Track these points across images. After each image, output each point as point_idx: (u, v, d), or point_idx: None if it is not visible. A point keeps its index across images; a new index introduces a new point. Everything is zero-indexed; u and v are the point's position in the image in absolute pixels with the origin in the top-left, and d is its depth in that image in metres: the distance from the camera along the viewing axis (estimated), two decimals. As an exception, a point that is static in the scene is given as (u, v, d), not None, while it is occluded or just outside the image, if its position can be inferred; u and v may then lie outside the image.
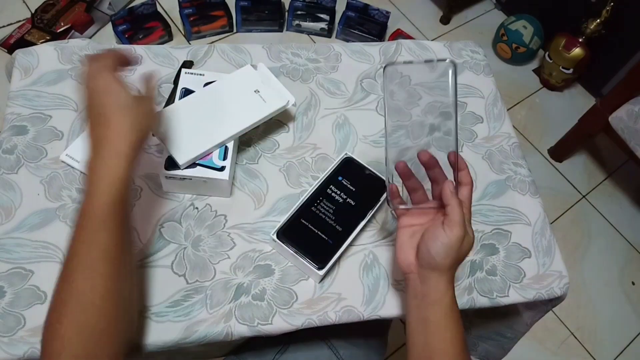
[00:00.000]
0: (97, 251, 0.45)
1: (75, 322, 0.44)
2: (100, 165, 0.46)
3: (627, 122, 1.37)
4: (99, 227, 0.45)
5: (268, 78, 0.69)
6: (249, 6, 1.71)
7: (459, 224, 0.49)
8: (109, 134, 0.47)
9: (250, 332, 0.58)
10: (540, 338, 1.39)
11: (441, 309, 0.50)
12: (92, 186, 0.46)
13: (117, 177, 0.46)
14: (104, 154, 0.47)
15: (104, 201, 0.45)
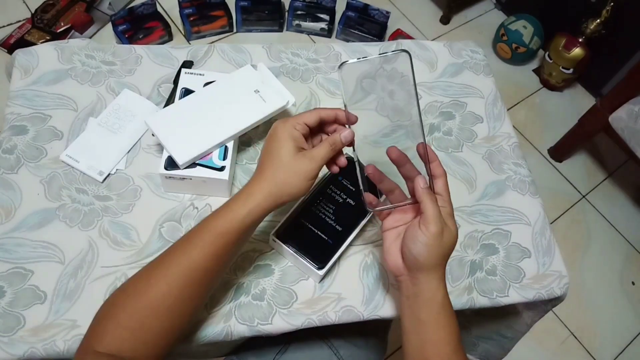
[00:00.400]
0: (186, 262, 0.48)
1: (137, 314, 0.47)
2: (237, 196, 0.50)
3: (627, 122, 1.37)
4: (199, 244, 0.48)
5: (268, 78, 0.69)
6: (249, 6, 1.71)
7: (434, 220, 0.48)
8: (255, 176, 0.51)
9: (250, 332, 0.58)
10: (540, 338, 1.39)
11: (433, 308, 0.50)
12: (219, 211, 0.50)
13: (236, 215, 0.49)
14: (244, 190, 0.50)
15: (218, 229, 0.48)
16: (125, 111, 0.70)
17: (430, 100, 0.80)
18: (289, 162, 0.49)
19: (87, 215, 0.62)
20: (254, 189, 0.49)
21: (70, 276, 0.58)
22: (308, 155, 0.50)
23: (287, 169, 0.49)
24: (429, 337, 0.50)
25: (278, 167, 0.49)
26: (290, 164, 0.49)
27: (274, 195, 0.49)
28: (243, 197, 0.49)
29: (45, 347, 0.54)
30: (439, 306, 0.50)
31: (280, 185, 0.49)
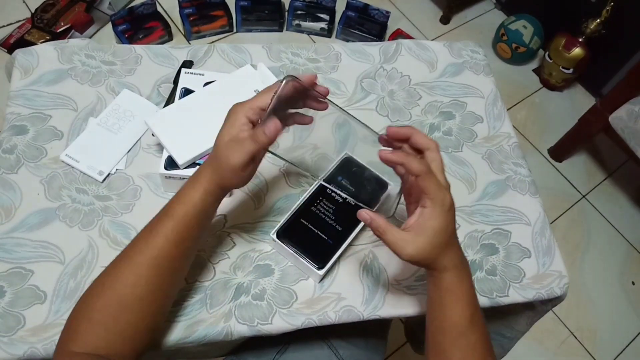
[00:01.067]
0: (150, 254, 0.49)
1: (107, 309, 0.47)
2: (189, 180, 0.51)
3: (627, 122, 1.37)
4: (161, 232, 0.49)
5: (268, 78, 0.69)
6: (249, 6, 1.71)
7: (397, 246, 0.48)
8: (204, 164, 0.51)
9: (250, 332, 0.58)
10: (540, 338, 1.39)
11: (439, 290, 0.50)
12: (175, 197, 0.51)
13: (190, 199, 0.50)
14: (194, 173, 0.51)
15: (175, 214, 0.49)
16: (125, 111, 0.70)
17: (430, 100, 0.80)
18: (219, 148, 0.49)
19: (87, 215, 0.62)
20: (201, 175, 0.50)
21: (70, 276, 0.58)
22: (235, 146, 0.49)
23: (219, 155, 0.49)
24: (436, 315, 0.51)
25: (215, 152, 0.50)
26: (220, 151, 0.49)
27: (215, 180, 0.50)
28: (192, 183, 0.50)
29: (45, 347, 0.54)
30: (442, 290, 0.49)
31: (217, 172, 0.50)
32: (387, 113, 0.77)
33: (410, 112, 0.78)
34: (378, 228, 0.48)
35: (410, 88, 0.80)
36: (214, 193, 0.50)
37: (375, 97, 0.78)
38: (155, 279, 0.49)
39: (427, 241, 0.47)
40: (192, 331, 0.57)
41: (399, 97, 0.79)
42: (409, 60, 0.83)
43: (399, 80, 0.81)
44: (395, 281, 0.63)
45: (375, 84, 0.80)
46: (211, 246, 0.62)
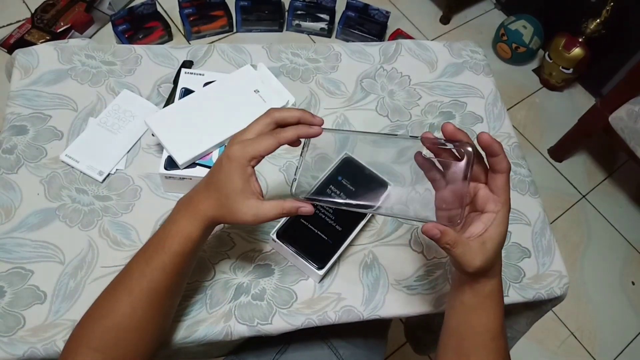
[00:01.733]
0: (147, 286, 0.48)
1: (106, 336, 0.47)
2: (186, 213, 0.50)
3: (627, 122, 1.37)
4: (158, 266, 0.49)
5: (268, 78, 0.69)
6: (249, 6, 1.71)
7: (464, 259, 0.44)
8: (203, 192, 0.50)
9: (250, 332, 0.58)
10: (540, 338, 1.39)
11: (479, 296, 0.48)
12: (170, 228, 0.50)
13: (188, 234, 0.49)
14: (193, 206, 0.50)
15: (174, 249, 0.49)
16: (125, 111, 0.70)
17: (430, 100, 0.80)
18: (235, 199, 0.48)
19: (87, 215, 0.62)
20: (203, 210, 0.49)
21: (70, 276, 0.58)
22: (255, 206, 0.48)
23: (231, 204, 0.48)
24: (468, 320, 0.49)
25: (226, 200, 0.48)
26: (235, 202, 0.48)
27: (218, 219, 0.49)
28: (193, 216, 0.49)
29: (45, 347, 0.54)
30: (485, 296, 0.48)
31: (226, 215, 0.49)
32: (387, 113, 0.77)
33: (410, 112, 0.78)
34: (449, 242, 0.44)
35: (410, 88, 0.80)
36: (211, 227, 0.51)
37: (375, 97, 0.78)
38: (152, 307, 0.49)
39: (494, 249, 0.45)
40: (192, 331, 0.57)
41: (399, 97, 0.79)
42: (409, 60, 0.83)
43: (399, 80, 0.81)
44: (395, 281, 0.63)
45: (375, 84, 0.80)
46: (211, 246, 0.62)
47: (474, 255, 0.44)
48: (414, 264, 0.65)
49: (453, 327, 0.50)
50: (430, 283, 0.64)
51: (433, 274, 0.64)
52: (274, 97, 0.68)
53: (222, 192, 0.48)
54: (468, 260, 0.44)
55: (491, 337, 0.49)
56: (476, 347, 0.49)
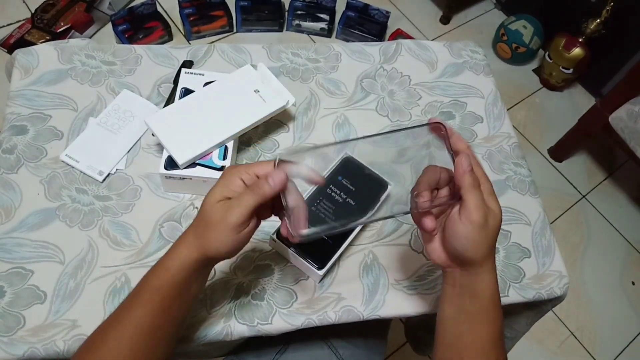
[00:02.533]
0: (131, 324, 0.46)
1: None
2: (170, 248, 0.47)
3: (627, 122, 1.37)
4: (139, 304, 0.47)
5: (268, 78, 0.69)
6: (249, 6, 1.71)
7: (476, 208, 0.43)
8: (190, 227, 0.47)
9: (250, 332, 0.58)
10: (540, 338, 1.39)
11: (481, 302, 0.47)
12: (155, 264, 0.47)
13: (167, 268, 0.46)
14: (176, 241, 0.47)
15: (153, 283, 0.47)
16: (125, 111, 0.70)
17: (430, 100, 0.80)
18: (209, 209, 0.44)
19: (87, 215, 0.62)
20: (182, 242, 0.47)
21: (70, 276, 0.58)
22: (231, 202, 0.44)
23: (207, 218, 0.44)
24: (470, 330, 0.48)
25: (203, 214, 0.45)
26: (210, 212, 0.44)
27: (198, 248, 0.45)
28: (173, 250, 0.47)
29: (45, 347, 0.54)
30: (487, 301, 0.47)
31: (203, 236, 0.45)
32: (387, 113, 0.77)
33: (410, 112, 0.78)
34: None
35: (410, 88, 0.80)
36: (196, 261, 0.46)
37: (375, 97, 0.78)
38: (137, 346, 0.46)
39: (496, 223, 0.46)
40: (192, 331, 0.57)
41: (399, 97, 0.79)
42: (409, 60, 0.83)
43: (399, 80, 0.81)
44: (395, 281, 0.63)
45: (375, 84, 0.80)
46: (211, 246, 0.62)
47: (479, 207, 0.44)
48: (414, 264, 0.65)
49: (452, 339, 0.49)
50: (430, 283, 0.64)
51: (433, 274, 0.64)
52: (274, 97, 0.68)
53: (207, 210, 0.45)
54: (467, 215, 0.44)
55: (492, 345, 0.47)
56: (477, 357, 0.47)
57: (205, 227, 0.45)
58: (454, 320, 0.49)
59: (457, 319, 0.48)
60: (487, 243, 0.45)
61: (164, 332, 0.48)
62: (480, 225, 0.44)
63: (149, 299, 0.46)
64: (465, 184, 0.44)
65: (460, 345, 0.48)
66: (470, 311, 0.47)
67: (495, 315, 0.48)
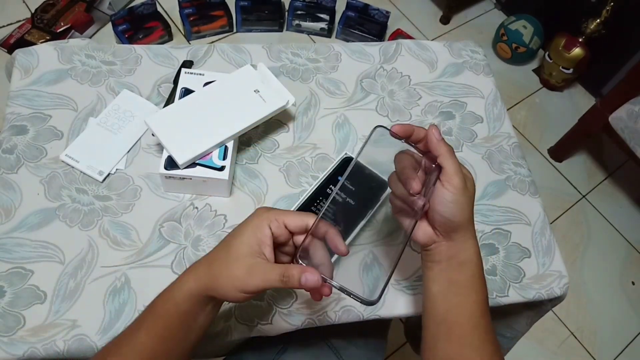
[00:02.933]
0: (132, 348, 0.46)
1: None
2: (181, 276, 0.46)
3: (627, 122, 1.37)
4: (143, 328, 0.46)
5: (268, 78, 0.69)
6: (249, 6, 1.71)
7: (456, 173, 0.46)
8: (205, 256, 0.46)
9: (250, 332, 0.58)
10: (540, 338, 1.39)
11: (469, 269, 0.48)
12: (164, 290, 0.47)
13: (172, 297, 0.46)
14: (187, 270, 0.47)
15: (156, 310, 0.46)
16: (125, 111, 0.70)
17: (430, 100, 0.80)
18: (233, 258, 0.44)
19: (87, 215, 0.62)
20: (191, 273, 0.46)
21: (70, 276, 0.58)
22: (256, 269, 0.43)
23: (226, 266, 0.44)
24: (459, 300, 0.48)
25: (221, 257, 0.45)
26: (231, 264, 0.44)
27: (206, 286, 0.45)
28: (181, 278, 0.46)
29: (45, 347, 0.54)
30: (474, 267, 0.48)
31: (214, 280, 0.44)
32: (387, 113, 0.77)
33: (410, 112, 0.78)
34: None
35: (410, 88, 0.80)
36: (203, 299, 0.45)
37: (375, 97, 0.78)
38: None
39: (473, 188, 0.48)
40: (192, 331, 0.57)
41: (399, 97, 0.79)
42: (409, 60, 0.83)
43: (399, 80, 0.81)
44: (395, 281, 0.63)
45: (375, 84, 0.80)
46: (211, 246, 0.62)
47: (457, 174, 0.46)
48: (414, 264, 0.65)
49: (442, 314, 0.49)
50: (430, 283, 0.64)
51: (433, 274, 0.64)
52: (274, 97, 0.68)
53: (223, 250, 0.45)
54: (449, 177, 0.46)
55: (481, 313, 0.48)
56: (469, 328, 0.48)
57: (219, 274, 0.44)
58: (443, 295, 0.49)
59: (447, 293, 0.49)
60: (469, 205, 0.47)
61: (165, 357, 0.47)
62: (462, 188, 0.46)
63: (153, 325, 0.46)
64: (442, 151, 0.47)
65: (451, 319, 0.49)
66: (460, 281, 0.48)
67: (482, 283, 0.49)
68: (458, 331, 0.48)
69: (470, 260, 0.48)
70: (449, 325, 0.49)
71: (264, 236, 0.44)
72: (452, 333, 0.48)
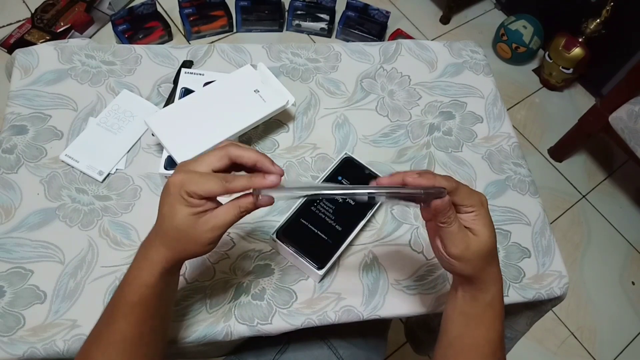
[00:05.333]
0: (114, 338, 0.46)
1: None
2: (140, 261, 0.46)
3: (627, 122, 1.37)
4: (120, 316, 0.46)
5: (268, 78, 0.69)
6: (249, 6, 1.71)
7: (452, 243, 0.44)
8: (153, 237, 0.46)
9: (250, 332, 0.58)
10: (540, 338, 1.39)
11: (480, 306, 0.47)
12: (127, 276, 0.47)
13: (143, 282, 0.45)
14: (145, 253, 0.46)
15: (130, 298, 0.46)
16: (125, 111, 0.70)
17: (430, 100, 0.80)
18: (186, 230, 0.44)
19: (87, 215, 0.62)
20: (154, 255, 0.45)
21: (70, 276, 0.58)
22: (210, 222, 0.44)
23: (184, 237, 0.44)
24: (468, 332, 0.48)
25: (174, 235, 0.44)
26: (188, 232, 0.44)
27: (174, 260, 0.45)
28: (146, 263, 0.46)
29: (45, 347, 0.54)
30: (485, 305, 0.47)
31: (180, 252, 0.45)
32: (387, 113, 0.77)
33: (410, 112, 0.78)
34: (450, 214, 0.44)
35: (410, 88, 0.80)
36: (170, 268, 0.46)
37: (375, 97, 0.78)
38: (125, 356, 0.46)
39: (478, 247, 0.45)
40: (192, 331, 0.57)
41: (399, 97, 0.79)
42: (409, 60, 0.83)
43: (399, 80, 0.81)
44: (395, 281, 0.63)
45: (375, 84, 0.80)
46: (211, 246, 0.62)
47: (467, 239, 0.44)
48: (414, 264, 0.65)
49: (451, 339, 0.49)
50: (430, 283, 0.64)
51: (433, 274, 0.64)
52: (274, 97, 0.68)
53: (171, 225, 0.44)
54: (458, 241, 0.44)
55: (491, 351, 0.48)
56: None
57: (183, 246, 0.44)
58: (454, 321, 0.49)
59: (457, 320, 0.49)
60: (474, 265, 0.45)
61: (148, 342, 0.48)
62: (459, 256, 0.45)
63: (131, 312, 0.46)
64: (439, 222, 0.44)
65: (459, 346, 0.49)
66: (470, 314, 0.48)
67: (495, 322, 0.48)
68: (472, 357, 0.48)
69: (483, 299, 0.47)
70: (456, 351, 0.49)
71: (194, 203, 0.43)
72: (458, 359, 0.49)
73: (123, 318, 0.46)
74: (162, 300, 0.48)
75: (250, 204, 0.45)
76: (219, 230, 0.44)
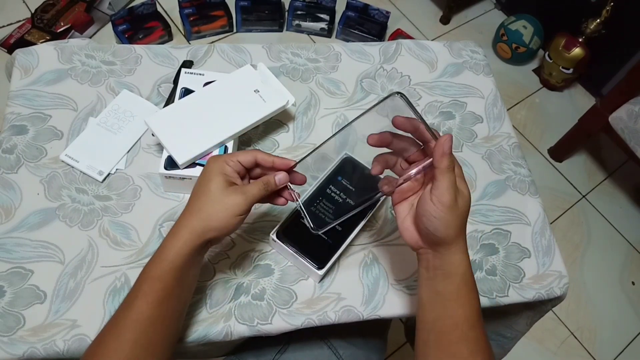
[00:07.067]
0: (130, 317, 0.47)
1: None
2: (167, 236, 0.49)
3: (627, 122, 1.37)
4: (138, 297, 0.47)
5: (268, 78, 0.69)
6: (249, 6, 1.71)
7: (447, 190, 0.44)
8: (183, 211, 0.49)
9: (250, 332, 0.58)
10: (540, 338, 1.39)
11: (453, 283, 0.47)
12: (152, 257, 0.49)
13: (165, 259, 0.47)
14: (173, 228, 0.49)
15: (152, 274, 0.47)
16: (125, 111, 0.70)
17: (430, 100, 0.80)
18: (216, 195, 0.47)
19: (87, 215, 0.62)
20: (180, 226, 0.48)
21: (70, 276, 0.58)
22: (239, 190, 0.48)
23: (214, 203, 0.47)
24: (446, 312, 0.48)
25: (205, 201, 0.48)
26: (218, 198, 0.47)
27: (199, 231, 0.47)
28: (170, 236, 0.48)
29: (45, 347, 0.54)
30: (459, 281, 0.47)
31: (206, 220, 0.47)
32: (387, 113, 0.77)
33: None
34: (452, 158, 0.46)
35: (410, 88, 0.80)
36: (197, 248, 0.48)
37: (375, 97, 0.78)
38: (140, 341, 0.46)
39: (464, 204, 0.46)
40: (192, 331, 0.57)
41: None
42: (409, 60, 0.83)
43: (399, 80, 0.81)
44: (395, 281, 0.63)
45: (375, 84, 0.80)
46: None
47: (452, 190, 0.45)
48: (414, 264, 0.65)
49: (430, 322, 0.49)
50: (430, 283, 0.64)
51: (433, 274, 0.64)
52: (274, 97, 0.68)
53: (205, 189, 0.48)
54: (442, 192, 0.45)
55: (470, 326, 0.47)
56: (456, 339, 0.47)
57: (212, 213, 0.47)
58: (430, 303, 0.49)
59: (433, 301, 0.49)
60: (456, 223, 0.46)
61: (164, 324, 0.49)
62: (450, 206, 0.45)
63: (150, 290, 0.47)
64: (442, 165, 0.45)
65: (438, 328, 0.48)
66: (444, 293, 0.48)
67: (470, 296, 0.48)
68: (446, 341, 0.48)
69: (455, 274, 0.47)
70: (437, 334, 0.49)
71: (229, 172, 0.49)
72: (440, 343, 0.48)
73: (143, 296, 0.47)
74: (180, 281, 0.49)
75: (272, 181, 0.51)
76: (246, 198, 0.48)
